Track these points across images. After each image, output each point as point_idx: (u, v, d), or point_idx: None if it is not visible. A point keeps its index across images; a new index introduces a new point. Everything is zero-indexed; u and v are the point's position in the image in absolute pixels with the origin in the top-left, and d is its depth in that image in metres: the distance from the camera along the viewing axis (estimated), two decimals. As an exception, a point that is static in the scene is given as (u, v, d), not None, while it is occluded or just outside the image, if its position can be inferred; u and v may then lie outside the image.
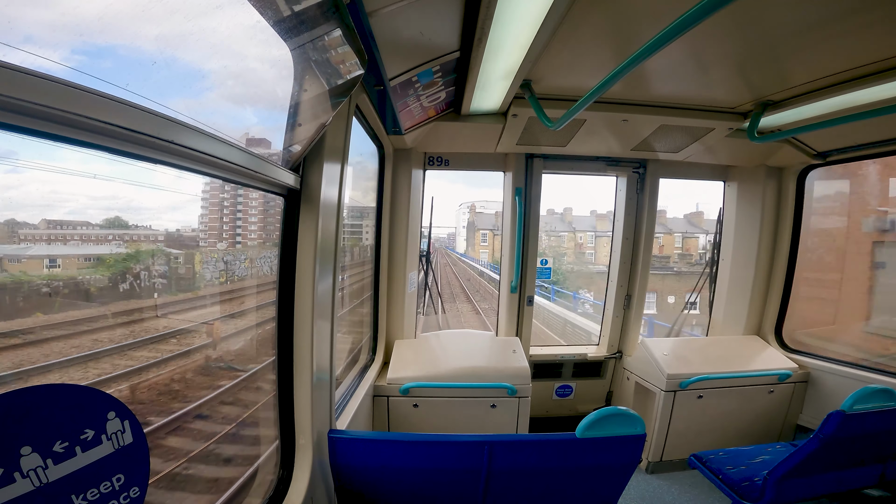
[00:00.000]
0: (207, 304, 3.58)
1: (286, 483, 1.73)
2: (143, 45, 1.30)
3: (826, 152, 3.27)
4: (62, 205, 2.59)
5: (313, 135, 1.60)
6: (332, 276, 1.90)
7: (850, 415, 2.08)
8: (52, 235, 2.73)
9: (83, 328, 2.77)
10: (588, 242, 37.00)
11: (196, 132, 1.06)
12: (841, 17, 1.68)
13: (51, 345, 2.58)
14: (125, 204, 2.84)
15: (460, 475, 1.74)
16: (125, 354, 3.02)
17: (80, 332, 2.75)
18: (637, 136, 3.12)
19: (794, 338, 3.83)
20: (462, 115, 2.95)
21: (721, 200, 4.07)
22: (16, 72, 0.66)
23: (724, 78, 2.36)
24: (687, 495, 3.15)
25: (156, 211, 3.07)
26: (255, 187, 1.51)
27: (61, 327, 2.64)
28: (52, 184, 1.95)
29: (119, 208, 2.82)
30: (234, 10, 1.15)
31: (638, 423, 1.68)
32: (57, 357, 2.56)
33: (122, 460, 0.91)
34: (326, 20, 1.38)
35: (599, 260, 34.39)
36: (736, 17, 1.69)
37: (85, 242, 2.92)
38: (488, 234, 37.37)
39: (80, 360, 2.71)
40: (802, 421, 3.48)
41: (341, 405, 2.43)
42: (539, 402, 3.86)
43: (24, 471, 0.74)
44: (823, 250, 4.23)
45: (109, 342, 2.93)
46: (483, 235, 37.80)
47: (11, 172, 1.61)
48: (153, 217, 3.02)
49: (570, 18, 1.67)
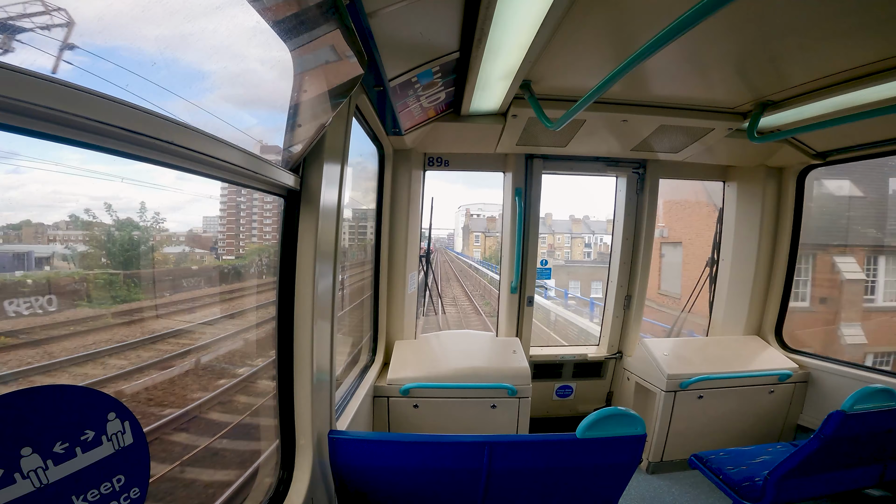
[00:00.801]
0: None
1: (287, 484, 1.73)
2: (143, 46, 1.30)
3: (826, 152, 3.27)
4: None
5: (313, 135, 1.60)
6: (333, 277, 1.90)
7: (851, 415, 2.08)
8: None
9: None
10: (565, 243, 45.43)
11: (196, 133, 1.06)
12: (840, 16, 1.68)
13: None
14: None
15: (461, 476, 1.74)
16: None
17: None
18: (637, 136, 3.12)
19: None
20: (462, 116, 2.95)
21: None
22: (16, 73, 0.66)
23: (724, 78, 2.36)
24: (687, 495, 3.15)
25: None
26: (255, 188, 1.51)
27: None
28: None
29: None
30: (233, 10, 1.15)
31: (638, 423, 1.68)
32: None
33: (123, 461, 0.91)
34: (326, 21, 1.38)
35: (574, 257, 44.12)
36: (735, 17, 1.69)
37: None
38: (481, 235, 42.61)
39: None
40: (803, 421, 3.48)
41: (342, 406, 2.43)
42: (539, 402, 3.85)
43: (24, 472, 0.74)
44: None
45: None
46: (476, 237, 43.28)
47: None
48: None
49: (570, 19, 1.67)
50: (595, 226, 44.94)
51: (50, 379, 2.63)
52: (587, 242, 45.42)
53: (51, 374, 2.68)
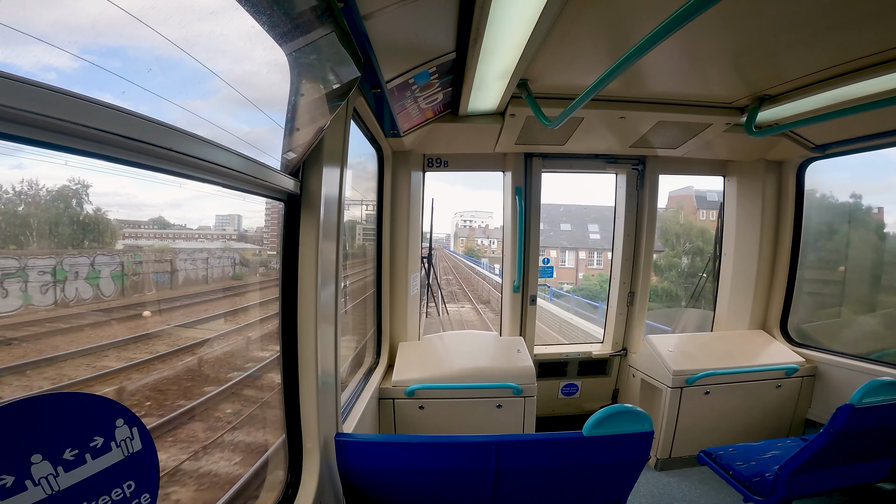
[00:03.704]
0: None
1: (295, 487, 1.72)
2: (139, 51, 1.30)
3: (825, 145, 3.27)
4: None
5: (312, 139, 1.60)
6: (335, 280, 1.90)
7: (860, 408, 2.06)
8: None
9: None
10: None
11: (195, 139, 1.06)
12: (836, 10, 1.67)
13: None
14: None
15: (468, 476, 1.73)
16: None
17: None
18: (635, 132, 3.12)
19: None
20: (460, 116, 2.96)
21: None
22: (15, 82, 0.66)
23: (721, 73, 2.36)
24: (697, 491, 3.13)
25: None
26: (254, 193, 1.51)
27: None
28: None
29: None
30: (228, 15, 1.15)
31: (645, 420, 1.67)
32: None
33: (132, 467, 0.91)
34: (321, 24, 1.39)
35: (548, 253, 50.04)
36: (731, 11, 1.68)
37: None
38: (465, 239, 61.45)
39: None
40: (811, 415, 3.46)
41: (347, 408, 2.43)
42: (545, 401, 3.84)
43: (35, 479, 0.74)
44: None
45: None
46: (461, 240, 62.53)
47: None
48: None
49: (565, 17, 1.67)
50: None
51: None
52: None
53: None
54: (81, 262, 4.62)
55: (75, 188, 4.51)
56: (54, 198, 4.39)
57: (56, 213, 4.42)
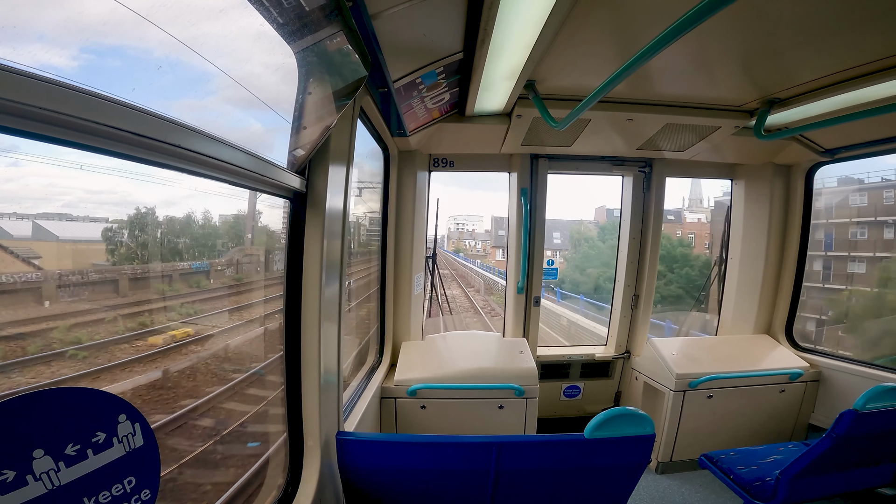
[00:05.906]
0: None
1: (295, 485, 1.73)
2: (149, 49, 1.31)
3: (834, 149, 3.24)
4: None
5: (318, 137, 1.60)
6: (339, 279, 1.90)
7: (863, 413, 2.05)
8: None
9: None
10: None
11: (202, 136, 1.07)
12: (847, 13, 1.65)
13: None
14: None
15: (469, 477, 1.73)
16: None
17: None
18: (642, 135, 3.10)
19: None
20: (466, 117, 2.95)
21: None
22: (20, 75, 0.67)
23: (730, 76, 2.35)
24: (698, 495, 3.12)
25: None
26: (261, 190, 1.51)
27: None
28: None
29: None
30: (237, 14, 1.16)
31: (647, 423, 1.66)
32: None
33: (134, 463, 0.92)
34: (329, 23, 1.39)
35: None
36: (741, 14, 1.67)
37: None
38: (455, 240, 66.99)
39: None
40: (814, 420, 3.44)
41: (349, 407, 2.44)
42: (547, 402, 3.84)
43: (36, 473, 0.74)
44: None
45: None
46: (453, 241, 68.14)
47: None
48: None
49: (573, 18, 1.67)
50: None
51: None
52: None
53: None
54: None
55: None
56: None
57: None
